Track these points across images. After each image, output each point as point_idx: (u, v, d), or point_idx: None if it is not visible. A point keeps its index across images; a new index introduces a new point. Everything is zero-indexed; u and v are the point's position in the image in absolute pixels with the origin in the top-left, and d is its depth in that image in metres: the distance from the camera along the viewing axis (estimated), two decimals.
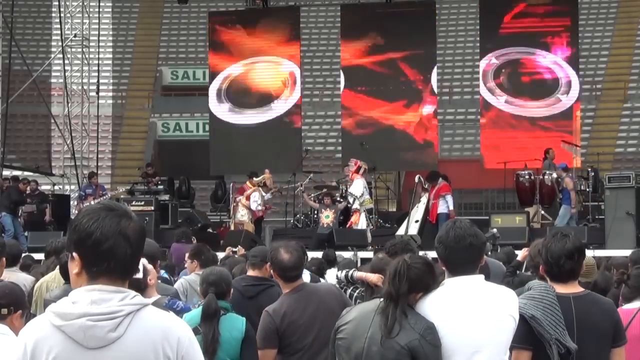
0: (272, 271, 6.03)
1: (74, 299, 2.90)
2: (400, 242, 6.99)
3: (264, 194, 19.95)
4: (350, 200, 19.52)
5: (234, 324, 5.81)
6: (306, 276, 8.51)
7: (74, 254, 2.93)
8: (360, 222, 19.31)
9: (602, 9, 35.14)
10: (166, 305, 5.97)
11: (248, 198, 19.80)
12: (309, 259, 10.03)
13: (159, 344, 2.90)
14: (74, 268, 2.94)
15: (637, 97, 33.09)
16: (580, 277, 7.90)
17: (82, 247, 2.91)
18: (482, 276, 4.33)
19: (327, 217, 19.78)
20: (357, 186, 19.49)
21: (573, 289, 4.70)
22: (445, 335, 4.18)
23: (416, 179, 19.94)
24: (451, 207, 19.25)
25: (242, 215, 19.81)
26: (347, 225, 19.59)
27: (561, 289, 4.65)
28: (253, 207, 19.77)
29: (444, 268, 4.38)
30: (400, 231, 18.69)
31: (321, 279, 9.16)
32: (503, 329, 4.24)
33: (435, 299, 4.26)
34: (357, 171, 19.79)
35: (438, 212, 19.20)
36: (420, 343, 4.13)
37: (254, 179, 20.25)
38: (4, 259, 7.05)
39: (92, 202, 20.61)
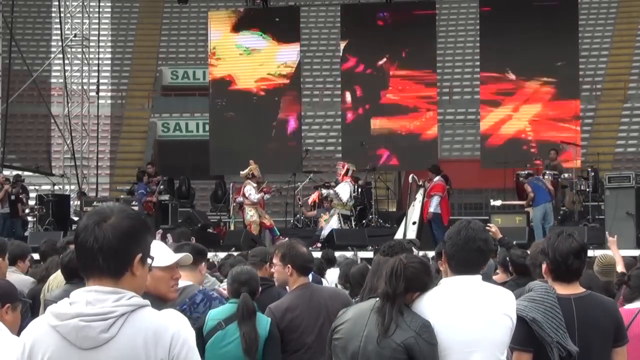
0: (288, 267, 5.94)
1: (72, 299, 2.94)
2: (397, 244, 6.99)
3: (254, 184, 19.61)
4: (335, 200, 19.42)
5: (259, 323, 5.79)
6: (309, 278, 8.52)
7: None
8: (331, 222, 19.21)
9: (602, 9, 35.12)
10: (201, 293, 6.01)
11: (245, 196, 19.59)
12: None
13: (150, 344, 2.90)
14: None
15: (637, 97, 33.06)
16: (601, 276, 7.95)
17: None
18: (479, 276, 4.33)
19: (326, 220, 19.75)
20: (345, 190, 19.42)
21: (574, 289, 4.69)
22: (440, 333, 4.18)
23: (410, 179, 19.93)
24: (432, 209, 19.06)
25: (251, 215, 19.52)
26: (320, 225, 19.60)
27: (562, 289, 4.64)
28: (253, 199, 19.47)
29: (445, 265, 4.38)
30: (399, 235, 18.60)
31: (322, 279, 9.18)
32: (499, 329, 4.23)
33: (431, 298, 4.27)
34: (346, 174, 19.81)
35: (429, 210, 19.16)
36: (417, 341, 4.13)
37: (241, 172, 19.93)
38: (6, 258, 7.01)
39: (154, 200, 20.89)
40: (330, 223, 19.20)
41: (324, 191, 19.73)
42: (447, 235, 4.41)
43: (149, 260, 3.05)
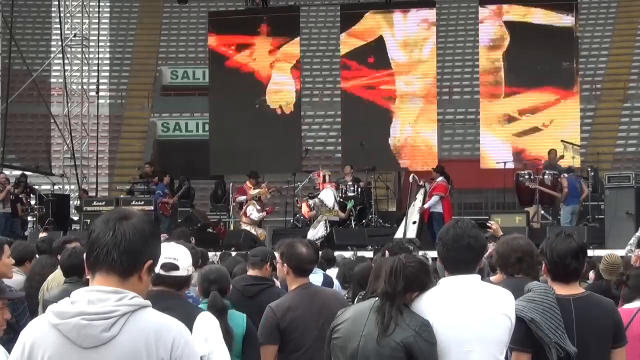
0: (285, 266, 5.93)
1: (74, 298, 2.94)
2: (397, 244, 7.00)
3: (258, 207, 19.88)
4: (322, 208, 19.44)
5: (235, 321, 5.78)
6: (319, 277, 8.54)
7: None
8: (318, 228, 19.22)
9: (602, 9, 35.12)
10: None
11: (246, 214, 19.82)
12: None
13: (152, 344, 2.91)
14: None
15: (637, 97, 33.05)
16: (606, 275, 7.95)
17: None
18: (478, 276, 4.34)
19: (314, 226, 19.75)
20: (329, 196, 19.45)
21: (574, 290, 4.69)
22: (440, 333, 4.18)
23: (410, 179, 19.95)
24: (426, 206, 19.12)
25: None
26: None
27: (562, 290, 4.64)
28: (254, 219, 19.74)
29: (442, 266, 4.40)
30: (399, 234, 18.62)
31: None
32: (498, 328, 4.23)
33: (430, 298, 4.27)
34: (324, 181, 19.89)
35: (430, 211, 19.19)
36: (416, 340, 4.14)
37: (251, 192, 20.14)
38: (10, 257, 6.99)
39: (172, 202, 21.16)
40: (317, 229, 19.21)
41: (311, 202, 19.77)
42: (438, 236, 4.46)
43: (156, 269, 3.09)
